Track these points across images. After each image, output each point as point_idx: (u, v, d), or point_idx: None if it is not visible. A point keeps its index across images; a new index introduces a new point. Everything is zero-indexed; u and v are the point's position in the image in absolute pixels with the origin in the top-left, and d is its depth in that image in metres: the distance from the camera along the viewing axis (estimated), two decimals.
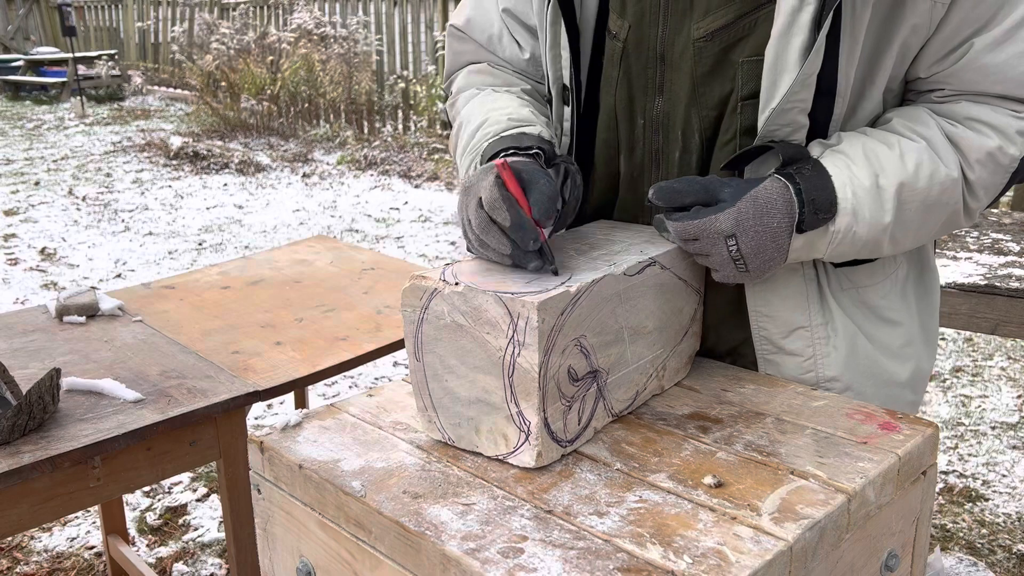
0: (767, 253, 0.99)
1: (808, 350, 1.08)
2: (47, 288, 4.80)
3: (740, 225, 0.97)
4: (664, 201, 1.00)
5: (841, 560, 0.83)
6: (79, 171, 7.75)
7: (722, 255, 0.99)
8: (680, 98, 1.08)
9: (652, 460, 0.90)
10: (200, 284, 2.18)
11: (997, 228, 2.55)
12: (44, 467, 1.33)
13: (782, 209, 0.97)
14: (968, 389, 3.47)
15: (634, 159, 1.14)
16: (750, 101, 1.03)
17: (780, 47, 0.96)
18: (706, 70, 1.05)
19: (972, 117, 1.01)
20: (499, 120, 1.13)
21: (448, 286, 0.88)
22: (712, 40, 1.04)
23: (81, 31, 14.15)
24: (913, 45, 1.00)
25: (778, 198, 0.97)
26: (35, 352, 1.73)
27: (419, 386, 0.95)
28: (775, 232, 0.98)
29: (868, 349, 1.10)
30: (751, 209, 0.97)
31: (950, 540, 2.52)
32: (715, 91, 1.05)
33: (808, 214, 0.97)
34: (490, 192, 0.93)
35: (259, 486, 0.98)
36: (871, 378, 1.11)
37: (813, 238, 0.99)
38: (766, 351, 1.10)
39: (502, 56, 1.27)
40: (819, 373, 1.09)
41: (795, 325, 1.07)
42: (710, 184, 1.01)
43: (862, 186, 0.98)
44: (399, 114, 8.95)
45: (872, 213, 0.98)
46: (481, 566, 0.73)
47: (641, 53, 1.10)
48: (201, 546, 2.56)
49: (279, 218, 6.20)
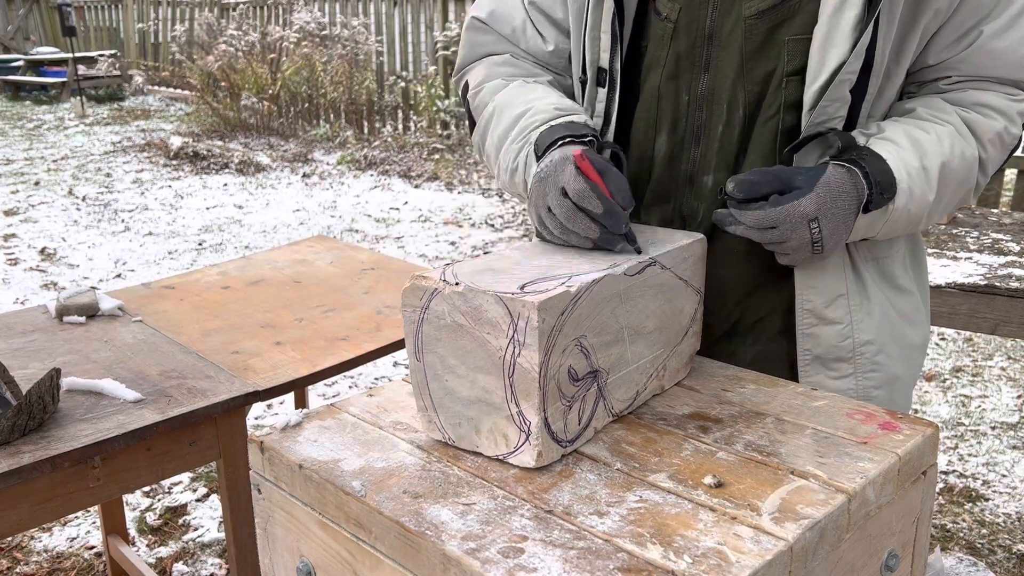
0: (839, 234, 1.06)
1: (847, 317, 1.15)
2: (47, 288, 4.80)
3: (822, 208, 1.03)
4: (744, 193, 1.05)
5: (841, 560, 0.83)
6: (79, 171, 7.75)
7: (803, 239, 1.05)
8: (727, 74, 1.13)
9: (652, 460, 0.90)
10: (200, 284, 2.18)
11: (997, 228, 2.55)
12: (44, 467, 1.33)
13: (852, 192, 1.04)
14: (968, 389, 3.47)
15: (675, 136, 1.19)
16: (794, 77, 1.09)
17: (832, 23, 1.04)
18: (754, 47, 1.11)
19: (980, 103, 1.10)
20: (543, 109, 1.19)
21: (448, 286, 0.88)
22: (761, 18, 1.10)
23: (81, 31, 14.15)
24: (931, 30, 1.08)
25: (846, 182, 1.04)
26: (35, 352, 1.73)
27: (419, 386, 0.95)
28: (847, 214, 1.05)
29: (892, 314, 1.18)
30: (827, 194, 1.04)
31: (950, 540, 2.52)
32: (761, 67, 1.11)
33: (875, 195, 1.04)
34: (575, 182, 1.02)
35: (259, 486, 0.98)
36: (896, 341, 1.19)
37: (874, 218, 1.07)
38: (807, 324, 1.16)
39: (524, 48, 1.30)
40: (856, 338, 1.16)
41: (837, 293, 1.14)
42: (782, 173, 1.06)
43: (913, 167, 1.06)
44: (399, 114, 8.95)
45: (921, 192, 1.07)
46: (481, 566, 0.73)
47: (690, 33, 1.15)
48: (201, 546, 2.56)
49: (279, 218, 6.20)
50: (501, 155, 1.23)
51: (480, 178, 7.22)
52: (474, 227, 5.91)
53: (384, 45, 9.17)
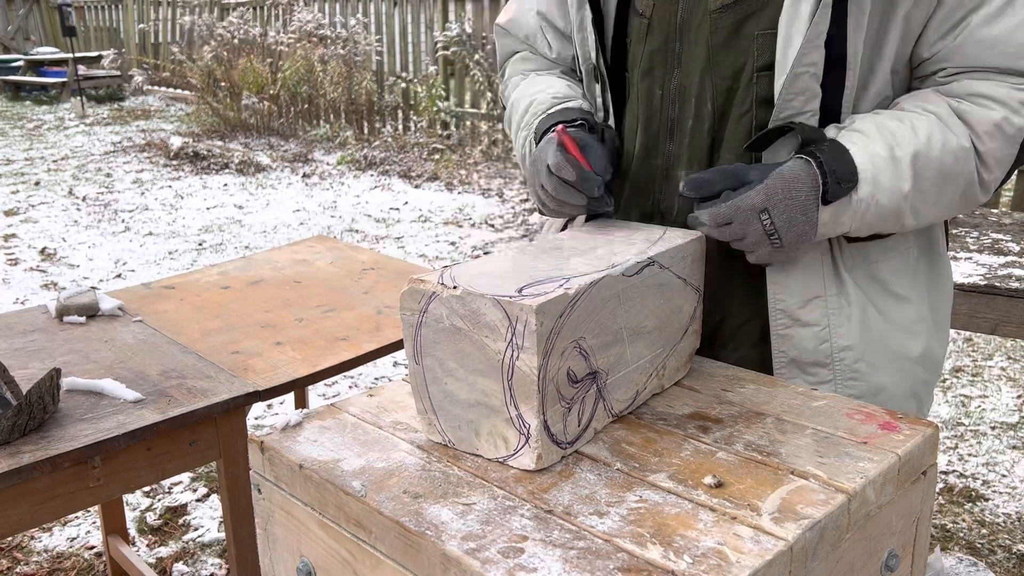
0: (799, 226, 1.05)
1: (823, 320, 1.13)
2: (47, 288, 4.80)
3: (771, 199, 1.03)
4: (695, 191, 1.07)
5: (841, 560, 0.83)
6: (79, 171, 7.75)
7: (757, 231, 1.05)
8: (695, 68, 1.14)
9: (652, 460, 0.90)
10: (200, 284, 2.18)
11: (997, 228, 2.55)
12: (44, 467, 1.33)
13: (807, 182, 1.03)
14: (968, 389, 3.47)
15: (650, 131, 1.21)
16: (765, 72, 1.09)
17: (791, 15, 1.03)
18: (720, 41, 1.11)
19: (975, 92, 1.06)
20: (544, 100, 1.28)
21: (446, 290, 0.88)
22: (726, 12, 1.10)
23: (81, 31, 14.15)
24: (916, 19, 1.05)
25: (802, 172, 1.04)
26: (35, 352, 1.73)
27: (419, 389, 0.95)
28: (804, 205, 1.04)
29: (879, 321, 1.15)
30: (779, 184, 1.03)
31: (950, 540, 2.52)
32: (729, 62, 1.11)
33: (831, 184, 1.03)
34: (554, 156, 1.11)
35: (259, 486, 0.98)
36: (884, 351, 1.15)
37: (839, 210, 1.05)
38: (781, 325, 1.14)
39: (539, 51, 1.41)
40: (834, 343, 1.13)
41: (812, 295, 1.13)
42: (737, 170, 1.07)
43: (879, 156, 1.04)
44: (399, 114, 8.94)
45: (891, 181, 1.04)
46: (481, 566, 0.74)
47: (663, 28, 1.17)
48: (201, 546, 2.56)
49: (279, 218, 6.20)
50: (515, 143, 1.35)
51: (480, 178, 7.22)
52: (474, 227, 5.91)
53: (384, 45, 9.16)
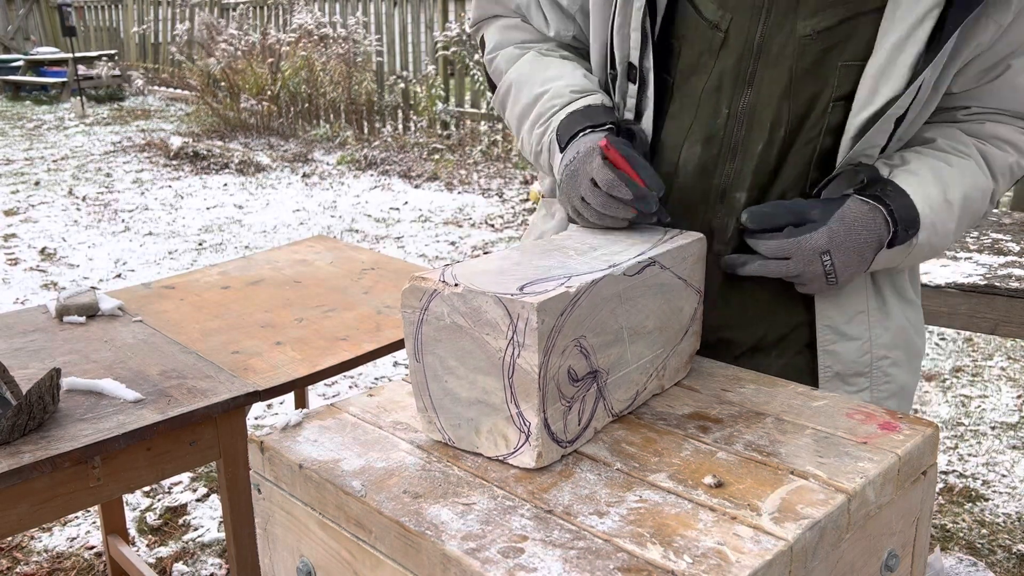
0: (854, 266, 1.09)
1: (866, 332, 1.17)
2: (47, 288, 4.80)
3: (833, 242, 1.06)
4: (757, 224, 1.08)
5: (841, 560, 0.83)
6: (79, 171, 7.75)
7: (816, 271, 1.07)
8: (773, 91, 1.11)
9: (652, 460, 0.90)
10: (200, 284, 2.18)
11: (997, 228, 2.55)
12: (44, 467, 1.33)
13: (868, 226, 1.06)
14: (968, 389, 3.47)
15: (710, 149, 1.16)
16: (840, 102, 1.09)
17: (892, 56, 1.03)
18: (806, 67, 1.09)
19: (996, 136, 1.12)
20: (560, 92, 1.21)
21: (447, 287, 0.88)
22: (817, 39, 1.08)
23: (81, 31, 14.15)
24: (967, 61, 1.08)
25: (864, 216, 1.06)
26: (35, 352, 1.73)
27: (419, 387, 0.95)
28: (861, 247, 1.07)
29: (907, 327, 1.21)
30: (841, 228, 1.06)
31: (950, 540, 2.52)
32: (809, 89, 1.10)
33: (900, 232, 1.07)
34: (603, 173, 1.07)
35: (259, 486, 0.98)
36: (906, 352, 1.21)
37: (896, 253, 1.09)
38: (828, 340, 1.17)
39: (531, 24, 1.29)
40: (874, 353, 1.18)
41: (857, 310, 1.16)
42: (797, 206, 1.09)
43: (936, 201, 1.08)
44: (399, 114, 8.95)
45: (943, 225, 1.10)
46: (481, 566, 0.73)
47: (739, 45, 1.11)
48: (201, 546, 2.56)
49: (279, 218, 6.20)
50: (523, 135, 1.27)
51: (480, 178, 7.22)
52: (474, 227, 5.91)
53: (384, 45, 9.17)
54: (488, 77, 1.36)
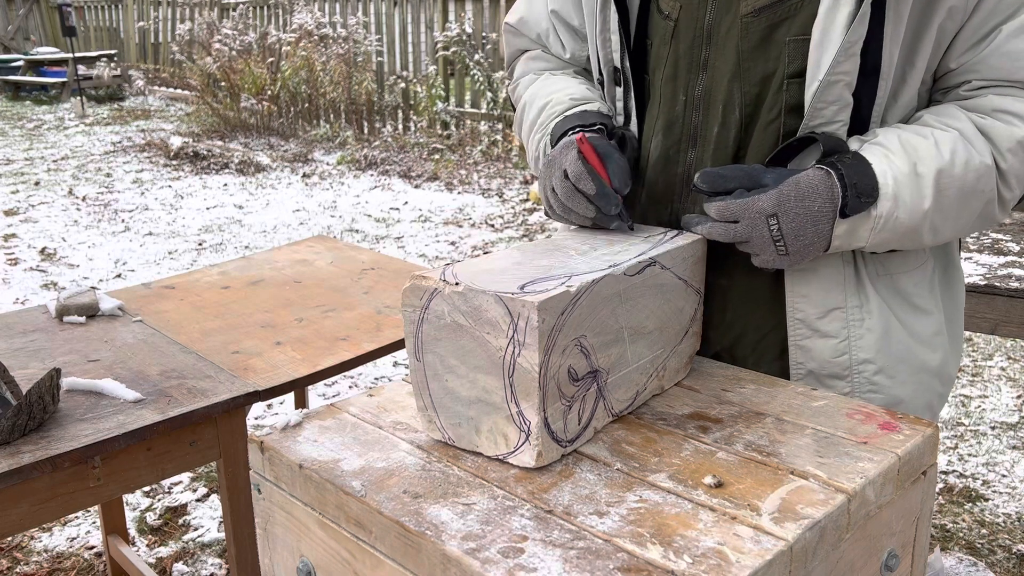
0: (807, 236, 1.03)
1: (843, 331, 1.11)
2: (47, 288, 4.80)
3: (782, 206, 1.02)
4: (709, 185, 1.06)
5: (841, 560, 0.83)
6: (79, 171, 7.75)
7: (763, 235, 1.03)
8: (723, 73, 1.11)
9: (652, 460, 0.90)
10: (200, 284, 2.18)
11: (997, 228, 2.55)
12: (44, 467, 1.33)
13: (824, 194, 1.02)
14: (968, 389, 3.47)
15: (671, 138, 1.17)
16: (796, 79, 1.06)
17: (827, 22, 1.00)
18: (751, 46, 1.08)
19: (999, 108, 1.04)
20: (561, 100, 1.26)
21: (448, 286, 0.88)
22: (759, 16, 1.07)
23: (81, 31, 14.15)
24: (948, 30, 1.03)
25: (820, 184, 1.02)
26: (35, 352, 1.72)
27: (419, 386, 0.95)
28: (816, 216, 1.02)
29: (902, 334, 1.13)
30: (793, 191, 1.02)
31: (950, 540, 2.52)
32: (759, 67, 1.09)
33: (851, 198, 1.01)
34: (574, 165, 1.08)
35: (259, 486, 0.98)
36: (904, 363, 1.13)
37: (856, 224, 1.03)
38: (799, 336, 1.12)
39: (551, 51, 1.38)
40: (853, 355, 1.11)
41: (832, 306, 1.11)
42: (753, 171, 1.06)
43: (902, 172, 1.02)
44: (399, 114, 8.95)
45: (912, 198, 1.02)
46: (481, 566, 0.73)
47: (689, 31, 1.14)
48: (201, 546, 2.56)
49: (279, 218, 6.20)
50: (529, 145, 1.32)
51: (480, 178, 7.22)
52: (474, 227, 5.91)
53: (384, 45, 9.17)
54: (514, 107, 1.44)
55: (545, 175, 1.15)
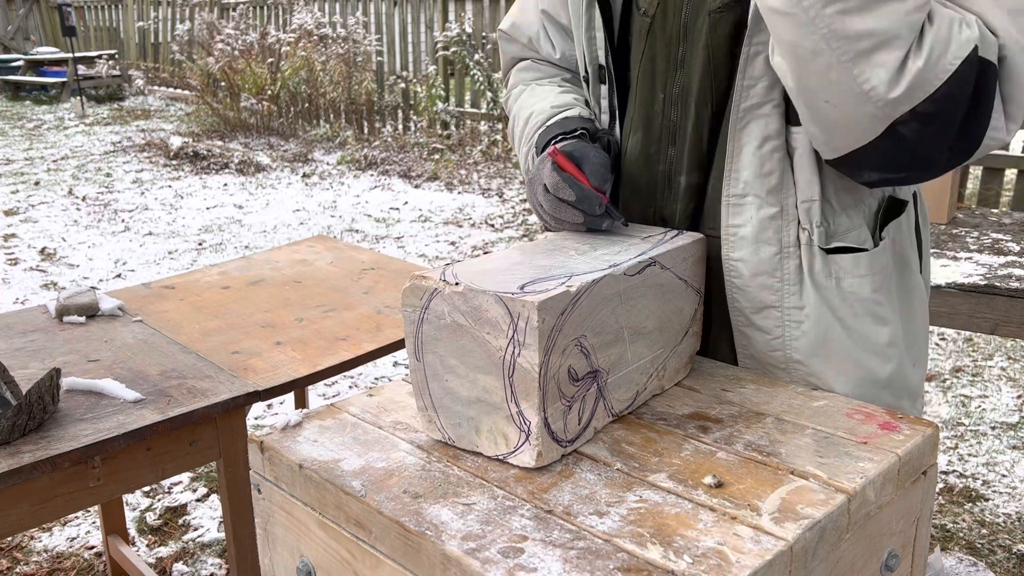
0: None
1: (777, 329, 1.09)
2: (47, 288, 4.80)
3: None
4: None
5: (841, 560, 0.83)
6: (79, 171, 7.75)
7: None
8: (696, 70, 1.11)
9: (652, 460, 0.90)
10: (200, 284, 2.18)
11: (997, 228, 2.55)
12: (44, 467, 1.33)
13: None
14: (968, 389, 3.47)
15: (651, 135, 1.18)
16: None
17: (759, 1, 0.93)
18: (719, 41, 1.08)
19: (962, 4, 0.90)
20: (543, 110, 1.26)
21: (448, 286, 0.88)
22: (725, 12, 1.07)
23: (81, 31, 14.15)
24: None
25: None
26: (35, 352, 1.73)
27: (419, 386, 0.95)
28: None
29: (844, 342, 1.08)
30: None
31: (950, 540, 2.52)
32: (727, 64, 1.08)
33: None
34: (551, 177, 1.10)
35: (259, 486, 0.98)
36: (843, 373, 1.09)
37: None
38: (739, 322, 1.12)
39: (542, 54, 1.38)
40: (787, 353, 1.10)
41: (765, 304, 1.09)
42: None
43: None
44: (399, 114, 8.95)
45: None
46: (481, 566, 0.73)
47: (666, 28, 1.14)
48: (201, 546, 2.56)
49: (279, 218, 6.20)
50: (519, 156, 1.34)
51: (480, 178, 7.22)
52: (474, 227, 5.91)
53: (384, 45, 9.17)
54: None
55: (530, 193, 1.17)
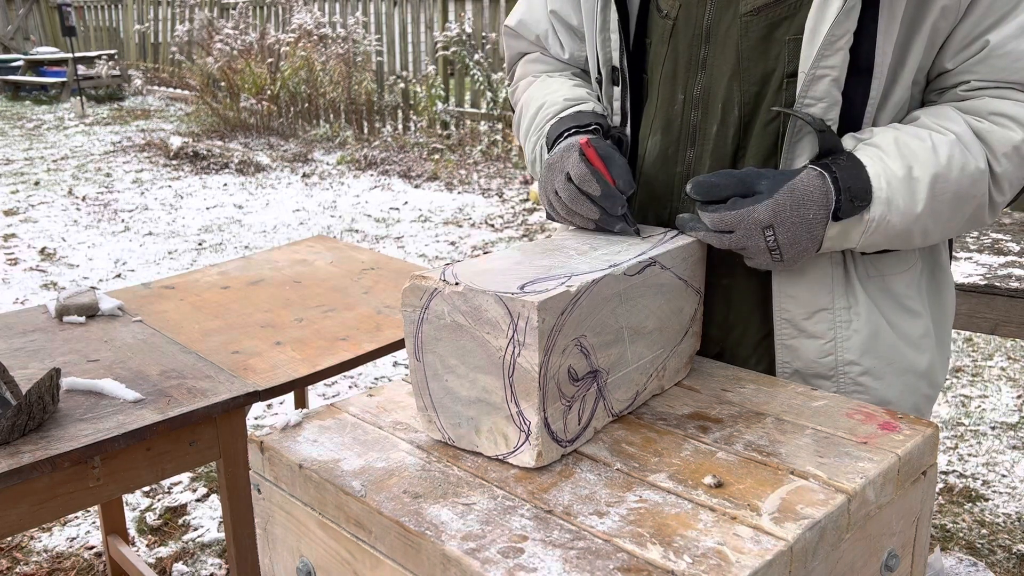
0: (802, 243, 1.02)
1: (829, 332, 1.10)
2: (47, 288, 4.80)
3: (778, 216, 1.00)
4: (702, 195, 1.04)
5: (841, 560, 0.83)
6: (79, 171, 7.75)
7: (759, 245, 1.03)
8: (723, 72, 1.11)
9: (652, 460, 0.90)
10: (200, 284, 2.18)
11: (997, 228, 2.55)
12: (44, 467, 1.33)
13: (818, 200, 1.00)
14: (968, 389, 3.47)
15: (670, 136, 1.17)
16: (794, 79, 1.05)
17: (817, 18, 1.00)
18: (751, 44, 1.08)
19: (996, 111, 1.03)
20: (556, 102, 1.25)
21: (448, 286, 0.88)
22: (759, 15, 1.07)
23: (81, 31, 14.15)
24: (942, 30, 1.02)
25: (815, 190, 1.00)
26: (35, 352, 1.72)
27: (419, 386, 0.95)
28: (811, 223, 1.01)
29: (890, 336, 1.12)
30: (788, 200, 1.00)
31: (950, 540, 2.52)
32: (758, 66, 1.08)
33: (844, 202, 1.00)
34: (578, 167, 1.08)
35: (259, 486, 0.98)
36: (891, 365, 1.13)
37: (848, 227, 1.02)
38: (786, 335, 1.12)
39: (550, 53, 1.38)
40: (839, 356, 1.11)
41: (819, 307, 1.10)
42: (746, 176, 1.04)
43: (896, 176, 1.00)
44: (399, 114, 8.95)
45: (906, 203, 1.01)
46: (481, 566, 0.73)
47: (688, 30, 1.14)
48: (201, 546, 2.56)
49: (279, 218, 6.20)
50: (526, 147, 1.32)
51: (480, 178, 7.22)
52: (474, 227, 5.91)
53: (384, 45, 9.16)
54: (513, 110, 1.44)
55: (547, 178, 1.14)
